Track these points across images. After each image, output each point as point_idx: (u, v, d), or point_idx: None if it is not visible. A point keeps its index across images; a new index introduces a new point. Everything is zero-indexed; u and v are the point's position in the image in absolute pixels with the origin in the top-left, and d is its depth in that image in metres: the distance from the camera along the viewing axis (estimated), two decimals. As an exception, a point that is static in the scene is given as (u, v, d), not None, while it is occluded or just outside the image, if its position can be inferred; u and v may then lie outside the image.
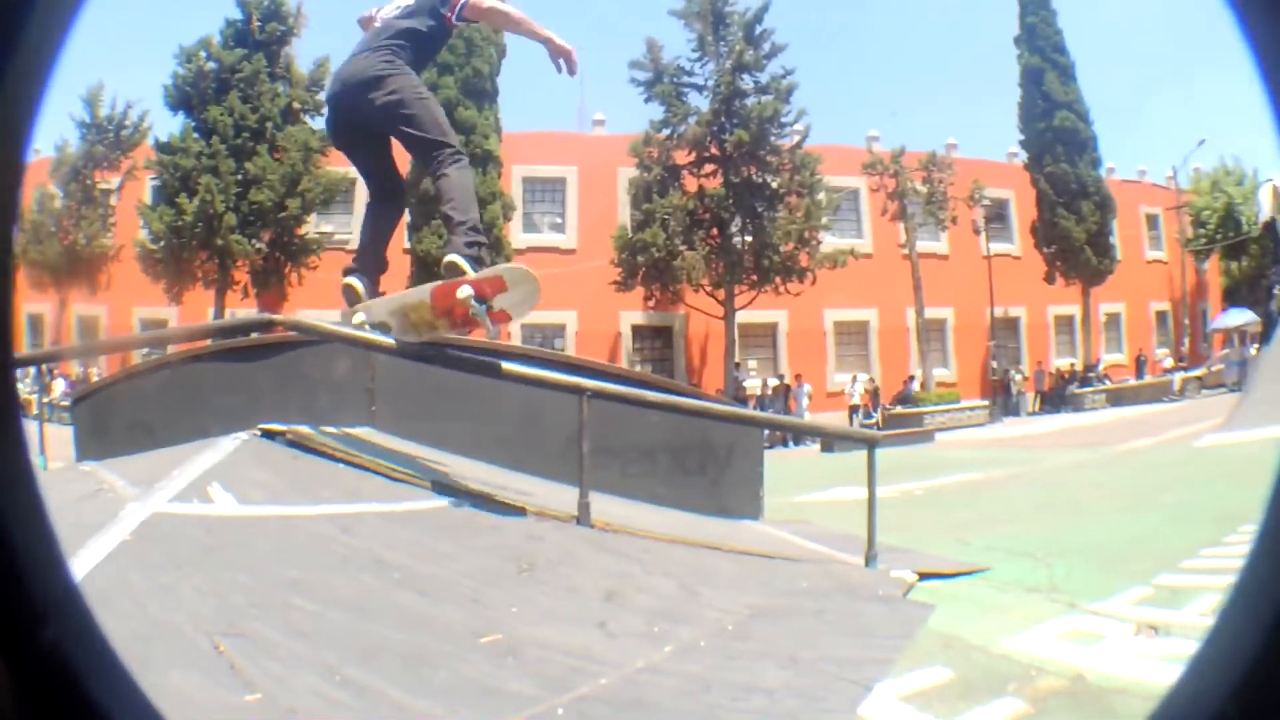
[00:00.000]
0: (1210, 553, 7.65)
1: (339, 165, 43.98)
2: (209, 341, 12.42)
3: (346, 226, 46.90)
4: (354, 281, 8.34)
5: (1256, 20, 1.23)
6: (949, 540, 10.02)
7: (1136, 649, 5.18)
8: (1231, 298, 65.33)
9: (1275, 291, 57.83)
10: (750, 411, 10.19)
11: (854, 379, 50.88)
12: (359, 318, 8.24)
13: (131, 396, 11.24)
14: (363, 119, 8.16)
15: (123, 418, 11.07)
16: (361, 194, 50.08)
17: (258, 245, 43.94)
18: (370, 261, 8.60)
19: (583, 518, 7.71)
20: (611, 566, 6.87)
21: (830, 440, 28.55)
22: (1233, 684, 1.19)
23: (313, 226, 46.58)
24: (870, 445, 9.41)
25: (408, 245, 43.46)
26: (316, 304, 40.82)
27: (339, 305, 8.49)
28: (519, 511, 7.75)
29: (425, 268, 41.71)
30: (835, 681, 4.85)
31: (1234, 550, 7.52)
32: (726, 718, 4.37)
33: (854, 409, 48.49)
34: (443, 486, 7.98)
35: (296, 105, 45.73)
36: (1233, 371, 44.43)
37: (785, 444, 35.18)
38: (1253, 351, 39.29)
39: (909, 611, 6.49)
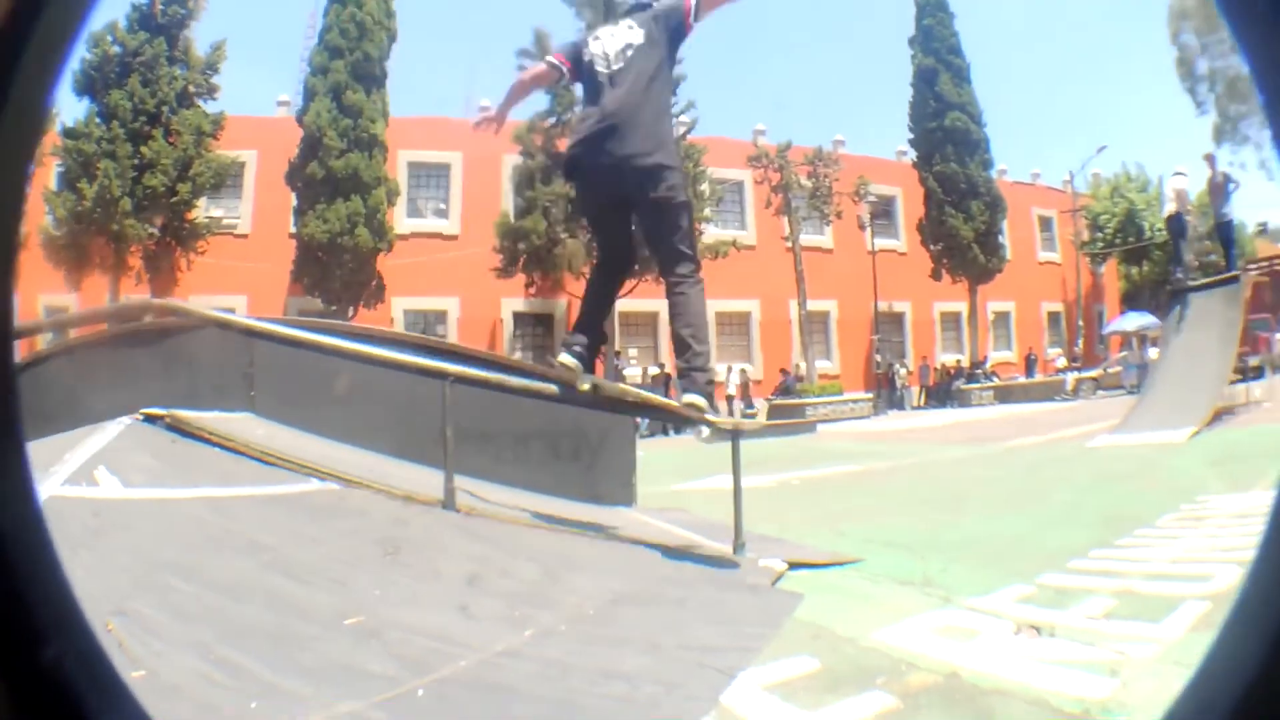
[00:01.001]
0: (1100, 554, 7.54)
1: (230, 149, 43.92)
2: (105, 327, 12.51)
3: (235, 211, 46.96)
4: (569, 361, 7.95)
5: (1253, 28, 1.22)
6: (825, 531, 9.88)
7: (1016, 648, 5.08)
8: (1131, 301, 66.35)
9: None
10: (615, 391, 10.17)
11: (729, 369, 51.27)
12: (585, 385, 8.18)
13: (32, 383, 11.26)
14: (624, 198, 7.72)
15: (26, 405, 10.94)
16: (251, 179, 49.78)
17: (151, 230, 43.55)
18: (593, 336, 8.21)
19: (448, 502, 7.69)
20: (475, 551, 6.88)
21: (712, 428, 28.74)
22: (1236, 698, 1.15)
23: (203, 211, 46.21)
24: (734, 434, 9.05)
25: (293, 230, 43.34)
26: (207, 289, 40.67)
27: (229, 290, 8.70)
28: (387, 496, 7.75)
29: (309, 252, 41.68)
30: (697, 669, 4.81)
31: (1126, 553, 7.53)
32: (584, 703, 4.34)
33: (729, 399, 48.73)
34: (314, 471, 7.94)
35: (192, 89, 45.14)
36: (1131, 374, 45.03)
37: (666, 432, 35.21)
38: (1152, 355, 39.95)
39: (776, 601, 6.41)
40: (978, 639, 5.25)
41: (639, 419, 34.69)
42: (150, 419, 8.55)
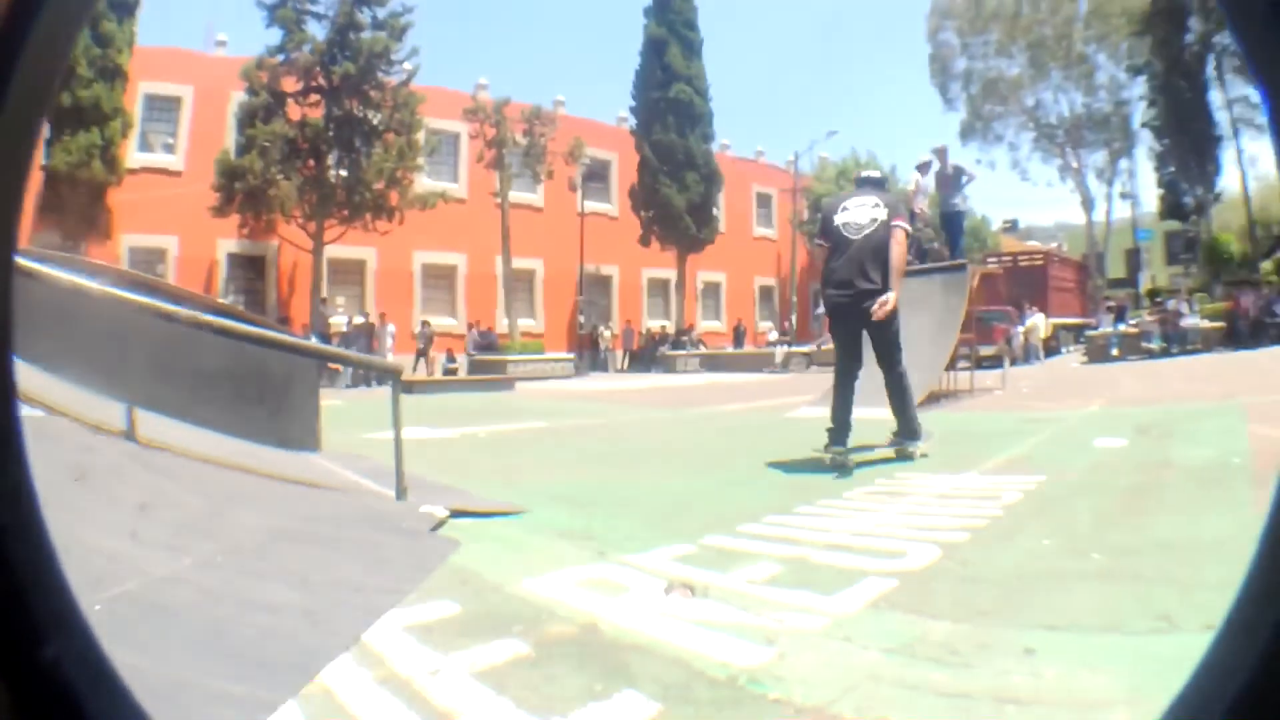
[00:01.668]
0: (775, 520, 7.48)
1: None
2: None
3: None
4: (842, 460, 10.73)
5: (1253, 24, 1.19)
6: (498, 482, 9.92)
7: (664, 607, 5.03)
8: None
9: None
10: (281, 337, 10.32)
11: (423, 324, 50.62)
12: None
13: None
14: (864, 319, 10.76)
15: None
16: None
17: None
18: (846, 429, 10.89)
19: (130, 433, 7.87)
20: (150, 481, 6.93)
21: (410, 383, 28.85)
22: (1237, 692, 1.15)
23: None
24: (395, 377, 9.29)
25: (45, 161, 41.96)
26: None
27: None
28: (80, 424, 7.78)
29: (53, 183, 40.52)
30: (343, 607, 4.96)
31: (805, 521, 7.46)
32: (233, 630, 4.40)
33: (418, 354, 48.26)
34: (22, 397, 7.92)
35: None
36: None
37: (369, 384, 35.03)
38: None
39: (432, 546, 6.58)
40: (625, 595, 5.28)
41: (341, 367, 34.47)
42: None
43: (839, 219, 11.12)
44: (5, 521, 1.30)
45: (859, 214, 11.04)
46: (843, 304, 10.99)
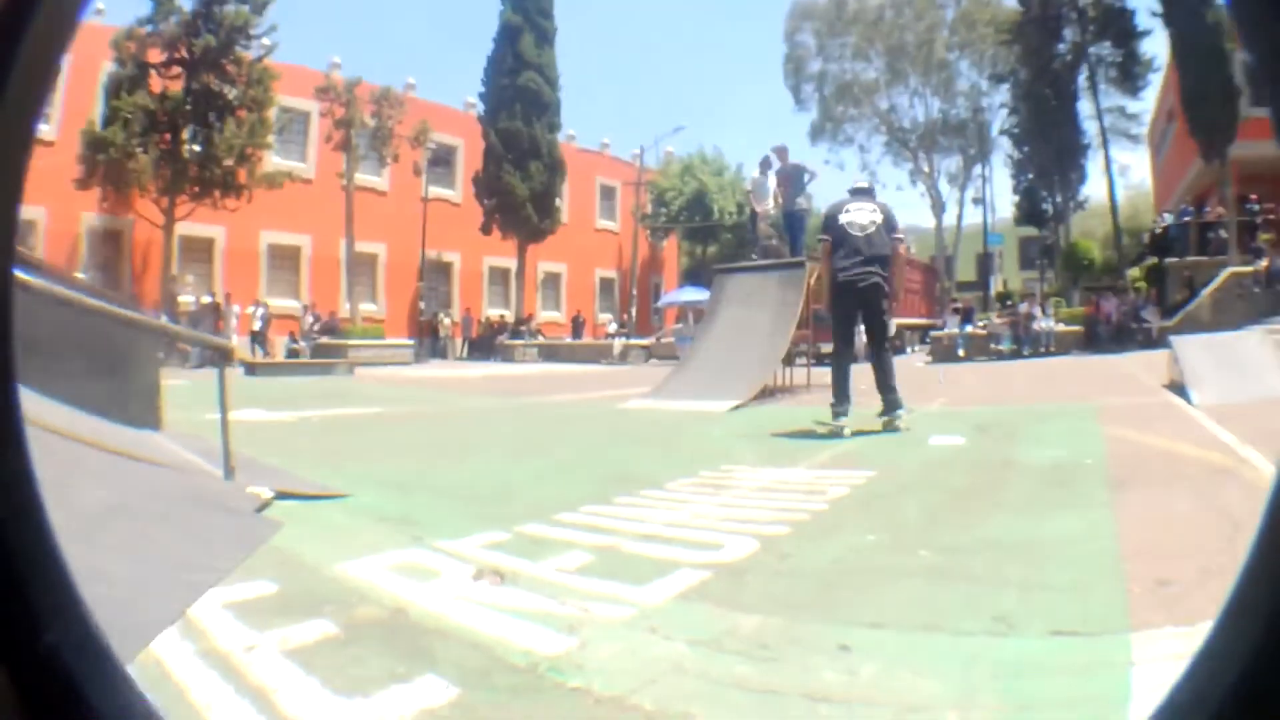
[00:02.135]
0: (592, 509, 7.45)
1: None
2: None
3: None
4: (844, 422, 12.92)
5: (1257, 18, 1.16)
6: (327, 466, 10.02)
7: (471, 593, 5.07)
8: (694, 278, 67.45)
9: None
10: (111, 308, 10.33)
11: (256, 305, 49.95)
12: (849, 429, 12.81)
13: None
14: (864, 298, 13.12)
15: None
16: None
17: None
18: (847, 396, 13.20)
19: None
20: None
21: (254, 365, 29.91)
22: (1233, 682, 1.12)
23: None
24: (223, 357, 9.37)
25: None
26: None
27: None
28: None
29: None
30: (170, 582, 4.96)
31: (623, 511, 7.41)
32: None
33: (254, 335, 47.90)
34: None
35: None
36: (685, 346, 45.97)
37: (217, 364, 34.66)
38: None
39: (256, 526, 6.66)
40: (436, 580, 5.32)
41: (189, 347, 33.98)
42: None
43: (843, 219, 13.33)
44: (6, 510, 1.28)
45: (860, 216, 13.32)
46: (850, 287, 13.11)
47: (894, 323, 15.49)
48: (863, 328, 13.73)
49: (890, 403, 13.19)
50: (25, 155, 1.34)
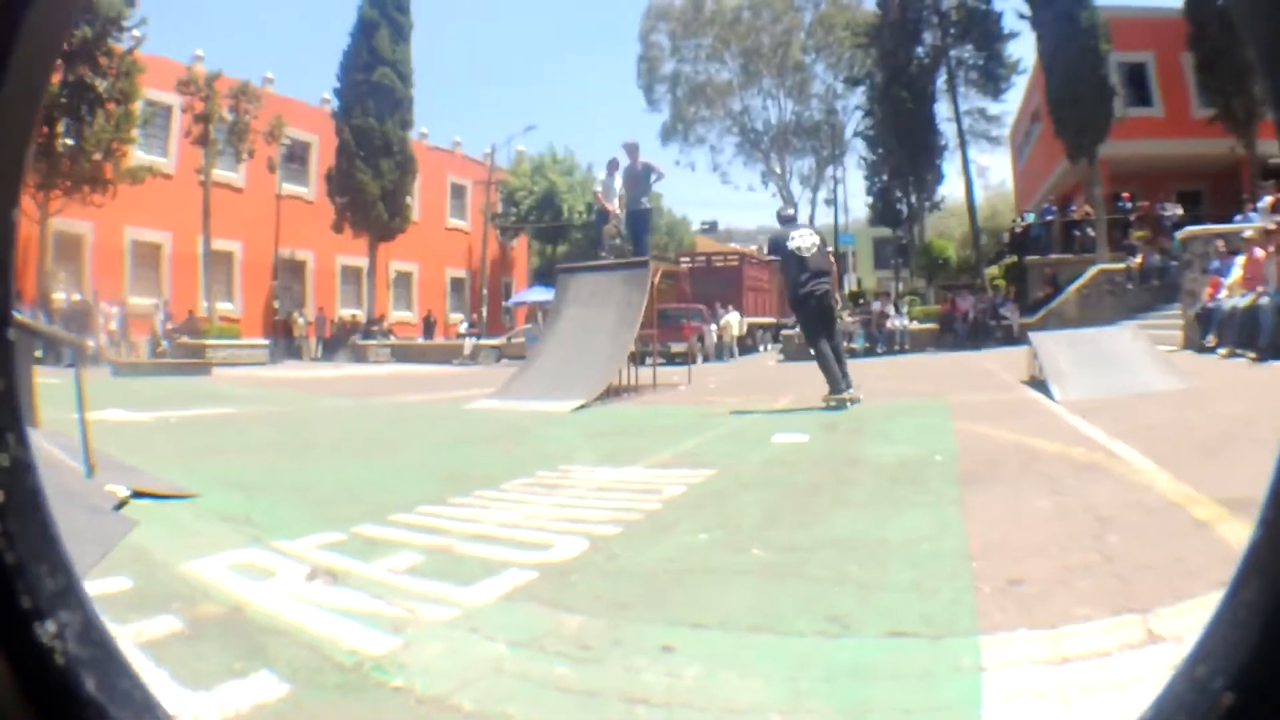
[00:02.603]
0: (427, 510, 7.54)
1: None
2: None
3: None
4: (852, 392, 16.34)
5: (1259, 12, 1.11)
6: (179, 466, 10.04)
7: (305, 592, 5.18)
8: (544, 277, 67.22)
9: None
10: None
11: (111, 304, 48.62)
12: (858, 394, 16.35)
13: None
14: (822, 304, 16.47)
15: None
16: None
17: None
18: (845, 373, 16.60)
19: None
20: None
21: (119, 364, 30.50)
22: (1233, 671, 1.08)
23: None
24: (79, 355, 9.42)
25: None
26: None
27: None
28: None
29: None
30: None
31: (458, 512, 7.47)
32: None
33: (111, 335, 46.66)
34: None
35: None
36: (534, 345, 46.09)
37: (94, 363, 34.14)
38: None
39: (114, 523, 6.73)
40: (273, 579, 5.42)
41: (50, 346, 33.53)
42: None
43: (792, 244, 16.48)
44: (6, 497, 1.24)
45: (804, 240, 16.51)
46: (811, 296, 16.31)
47: (746, 322, 17.98)
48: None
49: (835, 384, 16.19)
50: (26, 140, 1.33)
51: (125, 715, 1.24)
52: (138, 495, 7.75)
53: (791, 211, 18.54)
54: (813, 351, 17.10)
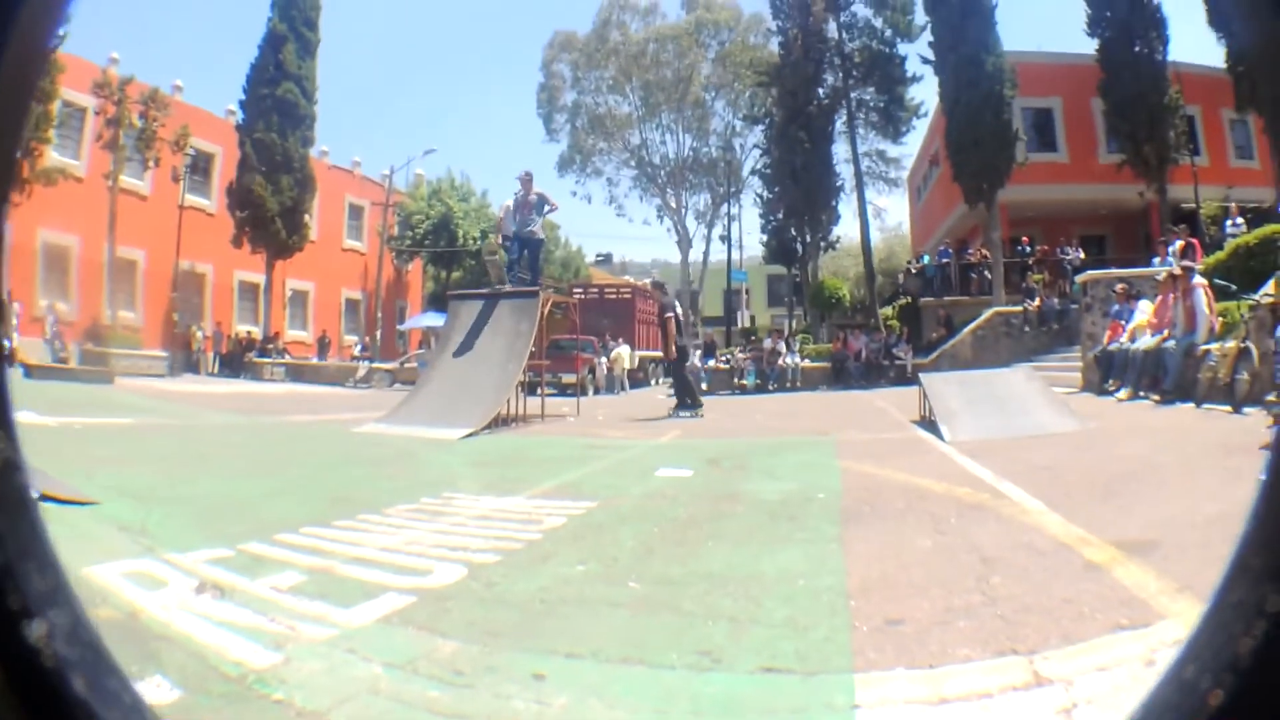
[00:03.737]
0: (311, 530, 7.66)
1: None
2: None
3: None
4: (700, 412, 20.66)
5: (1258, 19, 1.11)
6: (81, 473, 10.16)
7: (194, 604, 5.29)
8: (438, 302, 66.77)
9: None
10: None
11: (50, 307, 48.66)
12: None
13: None
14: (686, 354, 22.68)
15: None
16: None
17: None
18: (697, 400, 22.90)
19: None
20: None
21: (34, 368, 29.79)
22: (1225, 668, 1.12)
23: None
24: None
25: None
26: None
27: None
28: None
29: None
30: None
31: (341, 534, 7.61)
32: None
33: (50, 340, 46.46)
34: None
35: None
36: (425, 370, 45.71)
37: (30, 377, 33.77)
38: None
39: None
40: (165, 589, 5.55)
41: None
42: None
43: (678, 310, 20.99)
44: None
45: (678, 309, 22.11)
46: (687, 347, 18.62)
47: (638, 355, 19.48)
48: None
49: (685, 401, 22.56)
50: (24, 114, 1.38)
51: (113, 716, 1.30)
52: (43, 500, 7.44)
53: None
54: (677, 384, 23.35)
